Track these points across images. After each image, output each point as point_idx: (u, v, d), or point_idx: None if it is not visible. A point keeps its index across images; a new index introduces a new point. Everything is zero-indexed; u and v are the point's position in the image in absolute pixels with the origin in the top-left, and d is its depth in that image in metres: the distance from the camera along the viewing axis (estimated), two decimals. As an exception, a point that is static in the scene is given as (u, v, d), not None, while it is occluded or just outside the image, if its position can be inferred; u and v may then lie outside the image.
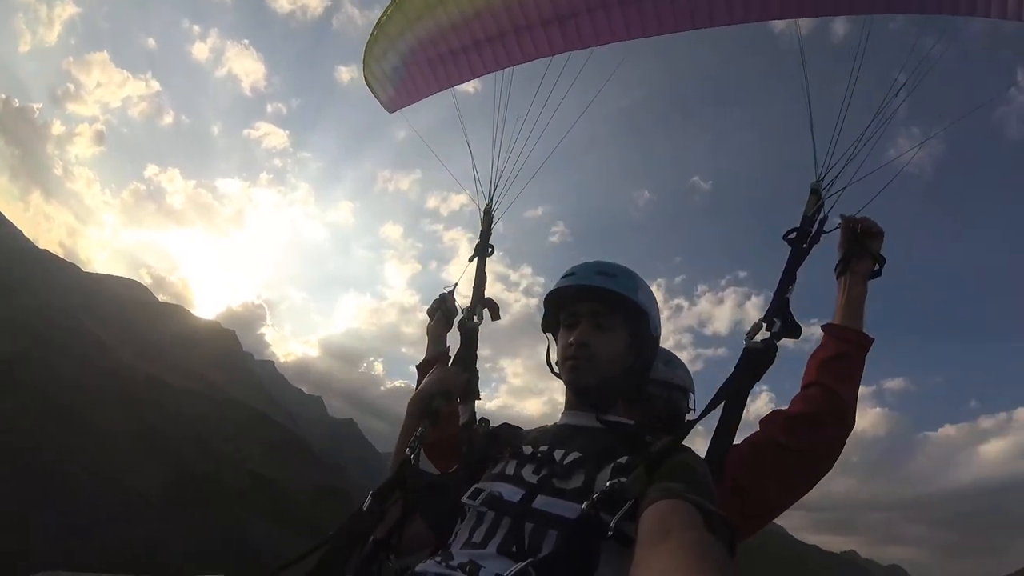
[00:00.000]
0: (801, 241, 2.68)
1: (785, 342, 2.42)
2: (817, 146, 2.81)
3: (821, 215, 2.75)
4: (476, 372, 2.97)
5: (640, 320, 2.30)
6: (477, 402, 2.87)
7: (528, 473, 2.05)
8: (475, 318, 3.14)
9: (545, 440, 2.20)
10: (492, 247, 3.42)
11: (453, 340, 3.28)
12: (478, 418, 2.75)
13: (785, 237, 2.72)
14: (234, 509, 67.79)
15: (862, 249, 2.77)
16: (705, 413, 2.29)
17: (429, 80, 4.06)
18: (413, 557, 2.13)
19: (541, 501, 1.89)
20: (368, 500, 2.16)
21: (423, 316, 3.61)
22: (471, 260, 3.40)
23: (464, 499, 2.03)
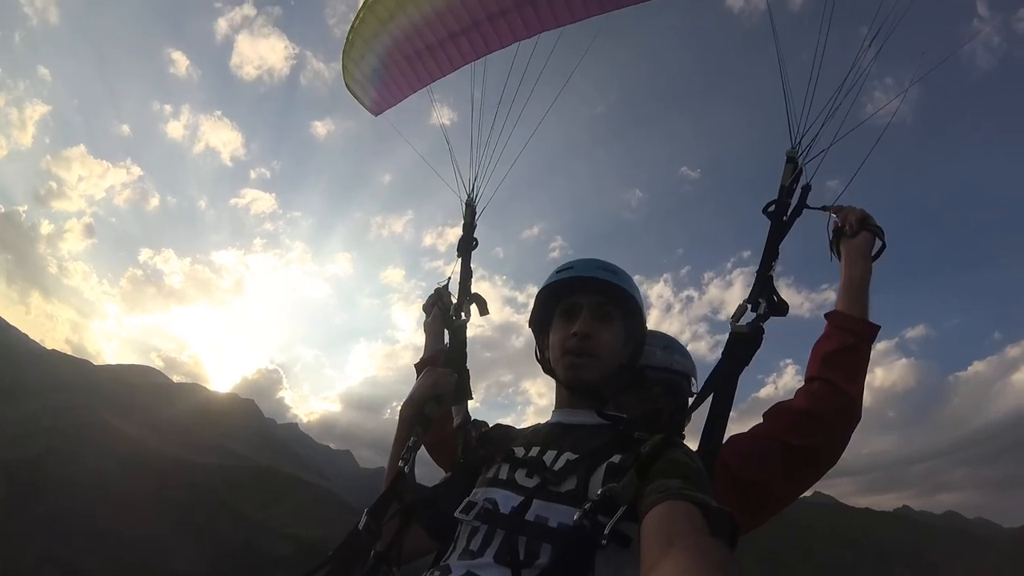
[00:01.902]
0: (780, 214, 2.63)
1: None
2: (791, 112, 2.73)
3: (802, 183, 2.69)
4: (467, 371, 2.88)
5: (636, 317, 2.32)
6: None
7: (522, 477, 2.03)
8: (462, 315, 3.11)
9: (537, 441, 2.17)
10: (476, 241, 3.36)
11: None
12: (471, 419, 2.70)
13: (764, 211, 2.66)
14: (280, 575, 67.23)
15: (851, 231, 2.67)
16: (695, 406, 2.28)
17: (410, 77, 4.05)
18: (416, 565, 2.19)
19: (537, 506, 1.88)
20: (364, 518, 2.12)
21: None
22: (458, 253, 3.34)
23: (457, 514, 2.01)
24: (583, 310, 2.25)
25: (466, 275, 3.25)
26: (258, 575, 66.19)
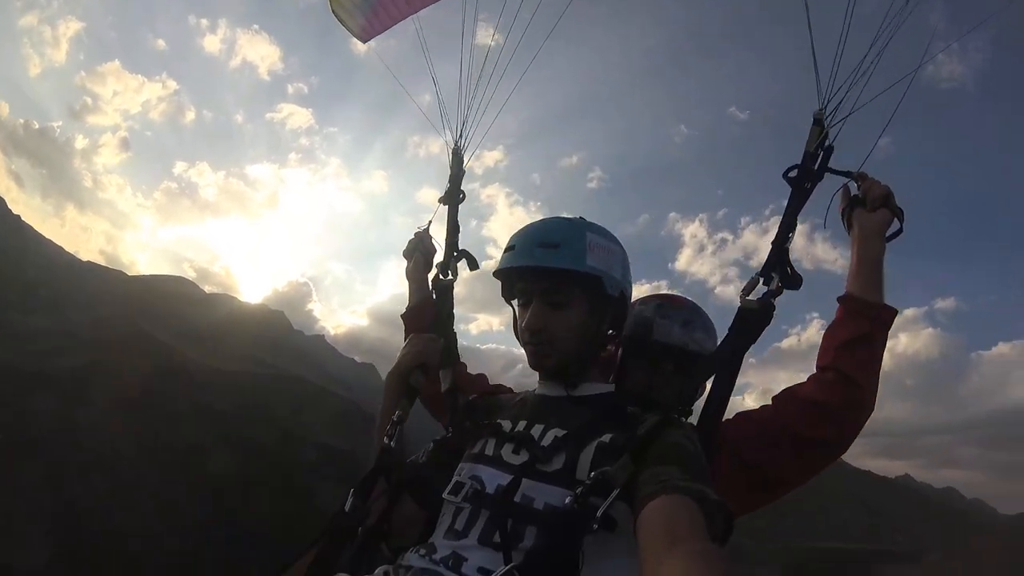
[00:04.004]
0: (803, 180, 2.35)
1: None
2: (820, 70, 2.41)
3: (827, 146, 2.40)
4: (454, 334, 2.73)
5: (596, 285, 2.06)
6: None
7: (508, 453, 1.97)
8: (449, 274, 2.88)
9: (524, 414, 2.11)
10: (463, 193, 3.12)
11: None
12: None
13: (785, 176, 2.38)
14: (306, 481, 70.92)
15: (872, 206, 2.38)
16: (695, 384, 2.24)
17: (400, 4, 3.76)
18: (407, 538, 2.08)
19: (526, 486, 1.84)
20: (349, 499, 2.06)
21: (465, 274, 2.97)
22: (440, 202, 3.12)
23: (445, 495, 1.97)
24: (533, 299, 2.10)
25: (453, 230, 3.01)
26: (286, 478, 69.60)
